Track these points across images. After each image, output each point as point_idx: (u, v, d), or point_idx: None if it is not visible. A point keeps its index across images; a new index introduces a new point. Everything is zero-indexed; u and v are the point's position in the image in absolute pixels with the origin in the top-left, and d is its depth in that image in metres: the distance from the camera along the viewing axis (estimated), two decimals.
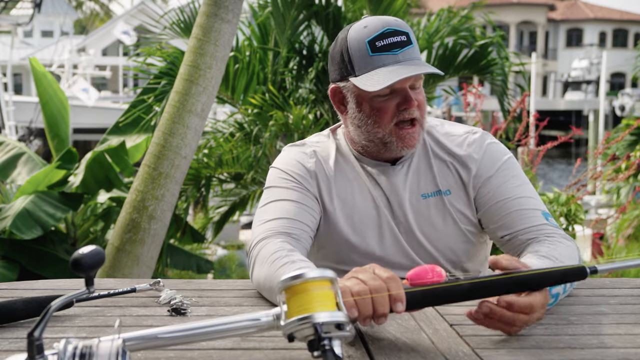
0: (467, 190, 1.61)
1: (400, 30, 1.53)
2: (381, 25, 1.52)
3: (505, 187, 1.58)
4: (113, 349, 0.89)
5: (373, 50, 1.51)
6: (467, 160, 1.61)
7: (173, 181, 3.88)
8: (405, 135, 1.55)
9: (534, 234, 1.51)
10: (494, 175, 1.59)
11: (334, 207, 1.62)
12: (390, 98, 1.54)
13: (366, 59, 1.52)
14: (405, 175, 1.62)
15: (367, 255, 1.62)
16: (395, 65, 1.50)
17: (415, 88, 1.55)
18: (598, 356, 1.09)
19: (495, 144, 1.65)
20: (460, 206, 1.61)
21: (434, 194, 1.61)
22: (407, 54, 1.51)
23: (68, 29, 35.02)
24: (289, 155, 1.67)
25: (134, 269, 3.85)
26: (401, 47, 1.51)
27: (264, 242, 1.46)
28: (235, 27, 3.97)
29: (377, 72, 1.50)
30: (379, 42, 1.51)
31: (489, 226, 1.59)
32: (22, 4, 18.41)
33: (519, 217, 1.54)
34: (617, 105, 31.59)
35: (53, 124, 5.83)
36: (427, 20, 5.82)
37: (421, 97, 1.56)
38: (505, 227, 1.55)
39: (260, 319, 1.04)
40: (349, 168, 1.65)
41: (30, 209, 4.61)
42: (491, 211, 1.58)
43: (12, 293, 1.45)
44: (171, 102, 3.90)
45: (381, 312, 1.08)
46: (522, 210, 1.54)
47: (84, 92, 19.73)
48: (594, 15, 46.08)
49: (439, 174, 1.62)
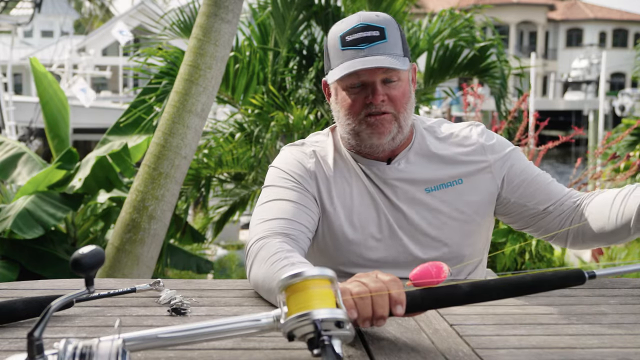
0: (489, 175, 1.64)
1: (374, 25, 1.54)
2: (355, 20, 1.56)
3: (528, 166, 1.67)
4: (113, 349, 0.88)
5: (343, 45, 1.55)
6: (482, 148, 1.65)
7: (173, 181, 3.88)
8: (373, 122, 1.57)
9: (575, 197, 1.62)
10: (514, 157, 1.66)
11: (333, 207, 1.62)
12: (360, 91, 1.57)
13: (338, 53, 1.56)
14: (404, 170, 1.63)
15: (367, 255, 1.62)
16: (356, 60, 1.53)
17: (389, 82, 1.56)
18: (598, 356, 1.09)
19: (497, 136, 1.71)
20: (473, 193, 1.63)
21: (440, 186, 1.62)
22: (374, 49, 1.53)
23: (68, 29, 35.02)
24: (288, 154, 1.67)
25: (134, 269, 3.85)
26: (369, 42, 1.53)
27: (263, 242, 1.46)
28: (235, 27, 3.97)
29: (341, 66, 1.55)
30: (349, 36, 1.55)
31: (527, 204, 1.64)
32: (22, 4, 18.41)
33: (554, 188, 1.64)
34: (617, 105, 31.59)
35: (53, 124, 5.83)
36: (429, 22, 5.82)
37: (396, 92, 1.56)
38: (546, 199, 1.63)
39: (261, 320, 1.03)
40: (347, 167, 1.65)
41: (31, 209, 4.61)
42: (528, 189, 1.64)
43: (12, 293, 1.45)
44: (171, 102, 3.90)
45: (380, 314, 1.08)
46: (552, 183, 1.65)
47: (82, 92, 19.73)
48: (594, 15, 46.07)
49: (445, 167, 1.63)
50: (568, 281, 1.17)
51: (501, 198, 1.66)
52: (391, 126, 1.57)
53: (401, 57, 1.54)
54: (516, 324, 1.25)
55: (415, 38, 5.64)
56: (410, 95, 1.61)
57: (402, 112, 1.58)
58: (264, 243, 1.45)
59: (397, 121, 1.58)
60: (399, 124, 1.58)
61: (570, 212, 1.61)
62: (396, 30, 1.56)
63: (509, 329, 1.22)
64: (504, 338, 1.17)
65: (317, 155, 1.66)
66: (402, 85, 1.57)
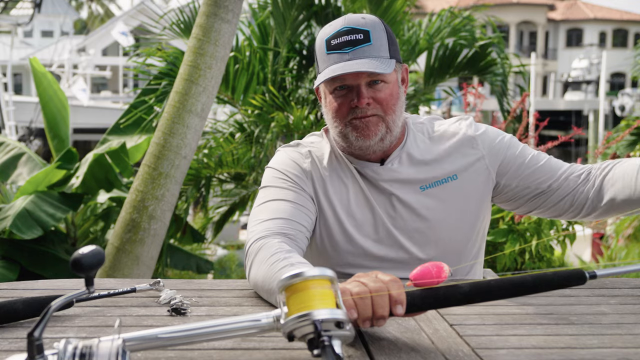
0: (483, 166, 1.64)
1: (358, 28, 1.54)
2: (340, 24, 1.56)
3: (523, 149, 1.66)
4: (113, 349, 0.88)
5: (328, 49, 1.56)
6: (473, 140, 1.65)
7: (173, 181, 3.88)
8: (358, 125, 1.58)
9: (578, 170, 1.62)
10: (506, 144, 1.66)
11: (330, 206, 1.62)
12: (346, 94, 1.58)
13: (324, 57, 1.57)
14: (398, 170, 1.63)
15: (365, 254, 1.62)
16: (340, 64, 1.53)
17: (375, 84, 1.56)
18: (598, 356, 1.09)
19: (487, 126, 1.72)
20: (470, 186, 1.64)
21: (436, 183, 1.63)
22: (358, 52, 1.53)
23: (68, 29, 35.02)
24: (284, 155, 1.68)
25: (134, 269, 3.85)
26: (354, 46, 1.53)
27: (262, 242, 1.46)
28: (235, 27, 3.97)
29: (326, 70, 1.55)
30: (334, 40, 1.55)
31: (530, 185, 1.64)
32: (22, 4, 18.40)
33: (554, 165, 1.64)
34: (617, 105, 31.56)
35: (53, 124, 5.83)
36: (429, 21, 5.82)
37: (382, 94, 1.57)
38: (548, 177, 1.62)
39: (261, 320, 1.03)
40: (342, 167, 1.66)
41: (31, 209, 4.61)
42: (527, 170, 1.63)
43: (12, 293, 1.45)
44: (171, 102, 3.90)
45: (380, 314, 1.08)
46: (549, 159, 1.65)
47: (82, 92, 19.75)
48: (594, 15, 46.05)
49: (439, 164, 1.64)
50: (569, 281, 1.17)
51: (501, 186, 1.67)
52: (378, 128, 1.58)
53: (387, 60, 1.54)
54: (516, 324, 1.25)
55: (415, 37, 5.64)
56: (398, 96, 1.61)
57: (390, 113, 1.58)
58: (263, 243, 1.45)
59: (385, 122, 1.58)
60: (387, 126, 1.59)
61: (577, 185, 1.61)
62: (382, 32, 1.56)
63: (509, 329, 1.22)
64: (504, 338, 1.17)
65: (313, 155, 1.67)
66: (388, 87, 1.58)
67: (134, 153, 5.52)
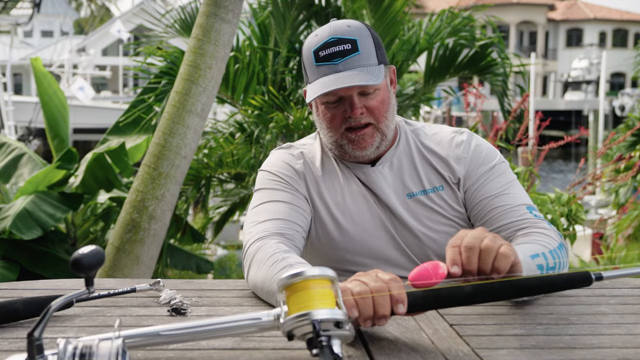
0: (457, 189, 1.63)
1: (345, 38, 1.54)
2: (327, 34, 1.55)
3: (491, 184, 1.61)
4: (113, 349, 0.88)
5: (317, 60, 1.56)
6: (455, 161, 1.63)
7: (173, 181, 3.88)
8: (354, 138, 1.58)
9: (515, 227, 1.54)
10: (481, 174, 1.62)
11: (324, 206, 1.63)
12: (339, 105, 1.58)
13: (312, 69, 1.57)
14: (387, 175, 1.64)
15: (362, 253, 1.63)
16: (332, 76, 1.53)
17: (367, 93, 1.56)
18: (598, 356, 1.09)
19: (481, 144, 1.67)
20: (451, 202, 1.63)
21: (421, 192, 1.63)
22: (348, 63, 1.53)
23: (68, 29, 35.03)
24: (276, 157, 1.69)
25: (134, 269, 3.85)
26: (342, 57, 1.53)
27: (260, 243, 1.46)
28: (235, 27, 3.97)
29: (317, 83, 1.55)
30: (322, 51, 1.55)
31: (475, 223, 1.62)
32: (22, 4, 18.40)
33: (504, 213, 1.57)
34: (617, 105, 31.59)
35: (53, 124, 5.83)
36: (429, 21, 5.82)
37: (374, 102, 1.57)
38: (489, 223, 1.58)
39: (262, 319, 1.04)
40: (335, 169, 1.67)
41: (30, 209, 4.61)
42: (478, 208, 1.60)
43: (12, 293, 1.45)
44: (171, 102, 3.90)
45: (382, 313, 1.08)
46: (505, 206, 1.57)
47: (80, 90, 19.73)
48: (594, 15, 46.07)
49: (426, 174, 1.64)
50: (574, 283, 1.17)
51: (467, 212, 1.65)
52: (373, 139, 1.59)
53: (376, 67, 1.55)
54: (516, 324, 1.25)
55: (415, 37, 5.64)
56: (389, 101, 1.61)
57: (383, 120, 1.59)
58: (261, 244, 1.45)
59: (379, 131, 1.59)
60: (381, 133, 1.60)
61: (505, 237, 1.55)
62: (368, 38, 1.56)
63: (509, 329, 1.22)
64: (504, 338, 1.17)
65: (305, 156, 1.68)
66: (379, 93, 1.58)
67: (133, 153, 5.52)
